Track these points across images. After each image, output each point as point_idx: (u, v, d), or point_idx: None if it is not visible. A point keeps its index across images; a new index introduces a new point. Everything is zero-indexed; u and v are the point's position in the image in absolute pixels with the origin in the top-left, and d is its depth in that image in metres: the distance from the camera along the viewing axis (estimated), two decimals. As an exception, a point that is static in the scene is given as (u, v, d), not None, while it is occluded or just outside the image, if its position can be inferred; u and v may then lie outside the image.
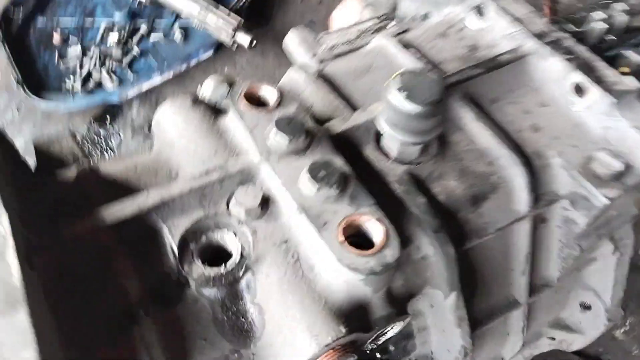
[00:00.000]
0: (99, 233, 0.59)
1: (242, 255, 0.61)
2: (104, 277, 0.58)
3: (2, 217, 0.50)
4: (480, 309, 0.80)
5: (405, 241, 0.68)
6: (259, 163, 0.65)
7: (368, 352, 0.68)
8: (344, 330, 0.56)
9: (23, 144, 1.60)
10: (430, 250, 0.68)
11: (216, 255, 0.62)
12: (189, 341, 0.57)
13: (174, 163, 0.69)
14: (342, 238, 0.59)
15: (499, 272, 0.80)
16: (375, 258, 0.58)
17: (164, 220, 0.62)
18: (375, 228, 0.61)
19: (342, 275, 0.58)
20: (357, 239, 0.61)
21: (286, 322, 0.57)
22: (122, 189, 0.66)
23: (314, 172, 0.61)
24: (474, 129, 0.77)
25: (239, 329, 0.59)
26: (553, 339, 1.00)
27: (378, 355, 0.74)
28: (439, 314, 0.72)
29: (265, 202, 0.64)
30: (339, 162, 0.65)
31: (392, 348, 0.75)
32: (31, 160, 0.68)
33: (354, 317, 0.59)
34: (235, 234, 0.63)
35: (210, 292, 0.59)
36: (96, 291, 0.57)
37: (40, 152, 0.70)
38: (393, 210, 0.67)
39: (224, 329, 0.59)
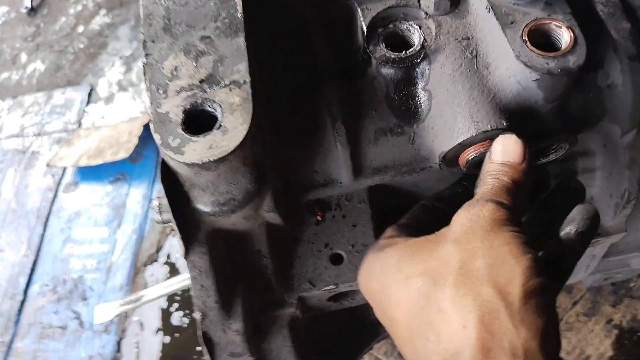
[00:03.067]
0: (304, 6, 0.67)
1: (422, 46, 0.65)
2: (303, 43, 0.67)
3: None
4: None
5: (595, 65, 0.65)
6: (458, -39, 0.66)
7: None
8: (505, 124, 0.58)
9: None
10: (620, 79, 0.64)
11: (399, 43, 0.67)
12: (362, 108, 0.64)
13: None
14: (525, 37, 0.59)
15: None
16: (556, 60, 0.57)
17: (359, 4, 0.67)
18: (564, 35, 0.59)
19: (517, 74, 0.59)
20: (544, 46, 0.60)
21: (451, 108, 0.61)
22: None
23: (512, -30, 0.60)
24: None
25: (407, 109, 0.64)
26: None
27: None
28: (611, 154, 0.70)
29: (456, -1, 0.65)
30: (542, -33, 0.62)
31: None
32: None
33: (518, 117, 0.60)
34: (420, 27, 0.66)
35: (388, 72, 0.65)
36: (295, 53, 0.66)
37: None
38: (590, 30, 0.63)
39: (394, 107, 0.64)
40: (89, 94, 2.05)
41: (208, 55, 0.52)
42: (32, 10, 2.26)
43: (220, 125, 0.47)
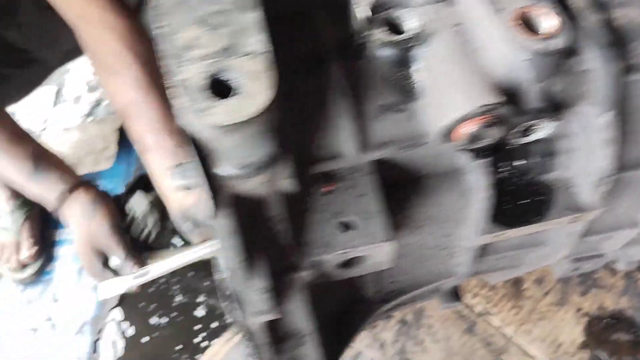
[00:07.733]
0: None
1: (417, 31, 0.69)
2: (307, 26, 0.70)
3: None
4: (634, 153, 0.80)
5: (572, 52, 0.71)
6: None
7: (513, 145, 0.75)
8: (498, 99, 0.63)
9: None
10: (594, 64, 0.70)
11: (395, 28, 0.71)
12: (363, 87, 0.68)
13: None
14: (514, 22, 0.64)
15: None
16: (546, 42, 0.62)
17: (357, -9, 0.71)
18: (551, 20, 0.64)
19: (508, 56, 0.64)
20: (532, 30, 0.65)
21: (446, 87, 0.66)
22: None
23: (502, -40, 0.65)
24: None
25: (403, 88, 0.68)
26: None
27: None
28: (590, 135, 0.75)
29: (450, -11, 0.70)
30: (527, -40, 0.68)
31: (532, 159, 0.81)
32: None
33: (510, 96, 0.65)
34: (414, 14, 0.71)
35: (386, 53, 0.69)
36: (300, 35, 0.70)
37: None
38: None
39: (391, 86, 0.69)
40: (56, 95, 2.02)
41: (225, 27, 0.54)
42: (0, 12, 2.21)
43: (244, 91, 0.50)
